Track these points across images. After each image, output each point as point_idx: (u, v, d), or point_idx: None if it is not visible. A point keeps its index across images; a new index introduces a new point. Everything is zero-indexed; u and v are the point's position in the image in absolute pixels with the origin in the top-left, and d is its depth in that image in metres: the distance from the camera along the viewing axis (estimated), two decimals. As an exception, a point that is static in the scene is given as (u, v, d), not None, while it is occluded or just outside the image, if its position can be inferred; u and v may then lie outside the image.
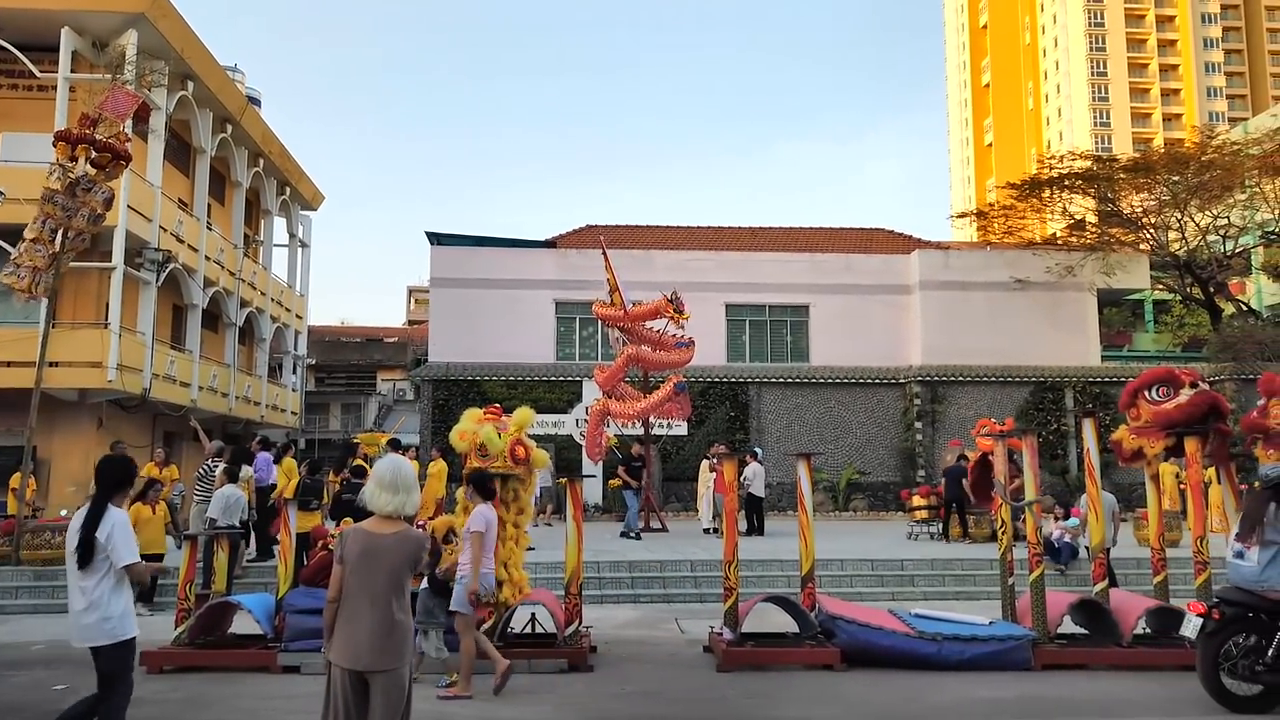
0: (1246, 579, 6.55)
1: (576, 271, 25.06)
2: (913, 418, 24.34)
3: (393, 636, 3.90)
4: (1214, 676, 6.49)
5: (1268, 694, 6.44)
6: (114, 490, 4.95)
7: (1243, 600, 6.54)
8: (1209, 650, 6.49)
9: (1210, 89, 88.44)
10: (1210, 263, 29.16)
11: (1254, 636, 6.45)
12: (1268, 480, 6.74)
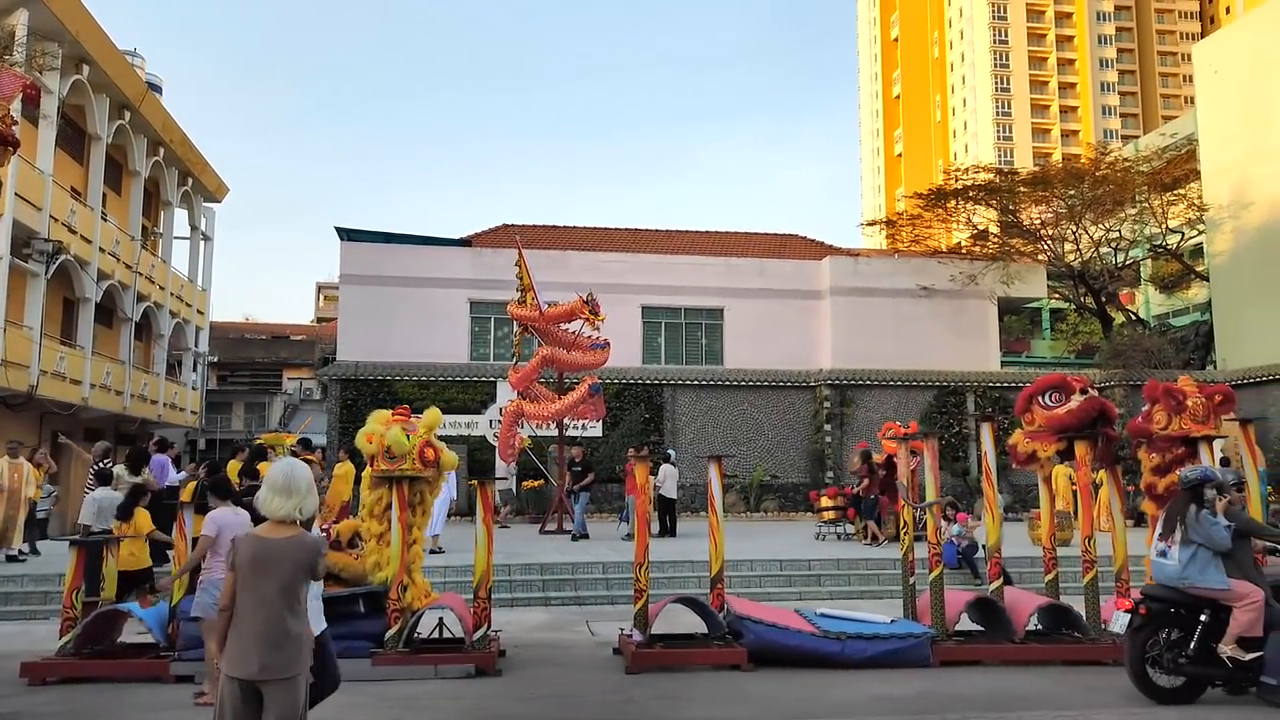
0: (1169, 576, 6.84)
1: (492, 271, 24.81)
2: (822, 420, 24.85)
3: (286, 645, 3.79)
4: (1141, 670, 6.78)
5: (1189, 685, 6.76)
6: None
7: (1166, 596, 6.84)
8: (1136, 645, 6.78)
9: (1105, 107, 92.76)
10: (1103, 274, 30.58)
11: (1177, 631, 6.77)
12: (1186, 482, 7.04)
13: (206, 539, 6.84)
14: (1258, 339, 25.26)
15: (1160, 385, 9.01)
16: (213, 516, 7.03)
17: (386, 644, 7.86)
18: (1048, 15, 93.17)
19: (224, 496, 7.14)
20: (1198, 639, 6.66)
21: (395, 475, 8.10)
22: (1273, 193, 25.01)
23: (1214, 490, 6.91)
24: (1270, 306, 24.90)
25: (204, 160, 32.43)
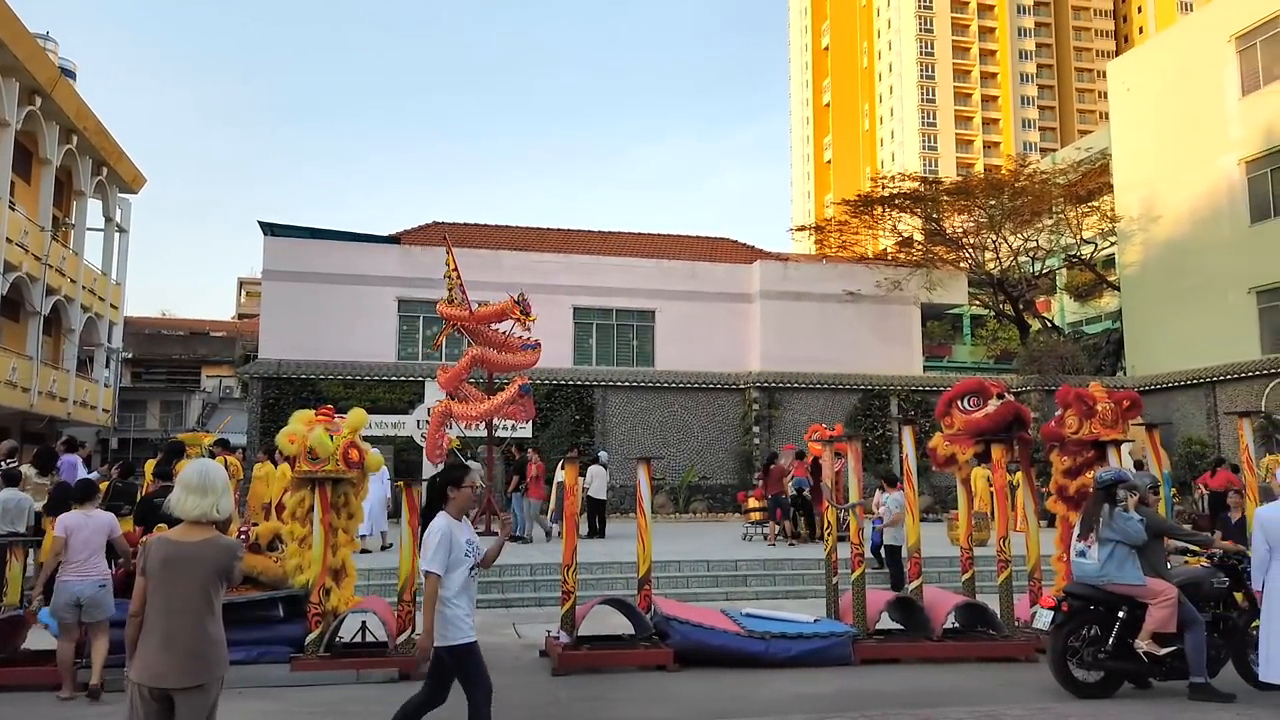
0: (1088, 575, 7.10)
1: (421, 269, 24.48)
2: (751, 422, 25.13)
3: (200, 652, 3.68)
4: (1063, 665, 7.02)
5: (1107, 679, 7.04)
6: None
7: (1086, 594, 7.10)
8: (1058, 641, 7.02)
9: (1025, 120, 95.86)
10: (1021, 282, 31.57)
11: (1096, 628, 7.04)
12: (1101, 483, 7.31)
13: (58, 541, 6.67)
14: (1164, 347, 26.39)
15: (1072, 391, 9.34)
16: (62, 519, 6.86)
17: (307, 648, 7.70)
18: (972, 29, 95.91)
19: (82, 500, 7.06)
20: (1115, 635, 6.94)
21: (318, 477, 7.95)
22: (1179, 207, 26.17)
23: (1126, 490, 7.21)
24: (1176, 316, 26.05)
25: (120, 150, 31.32)
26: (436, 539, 4.84)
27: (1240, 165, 24.43)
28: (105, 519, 7.23)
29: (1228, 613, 7.28)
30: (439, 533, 4.87)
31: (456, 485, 5.06)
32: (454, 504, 5.03)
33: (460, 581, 4.89)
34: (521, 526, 16.43)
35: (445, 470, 5.23)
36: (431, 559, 4.79)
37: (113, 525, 7.27)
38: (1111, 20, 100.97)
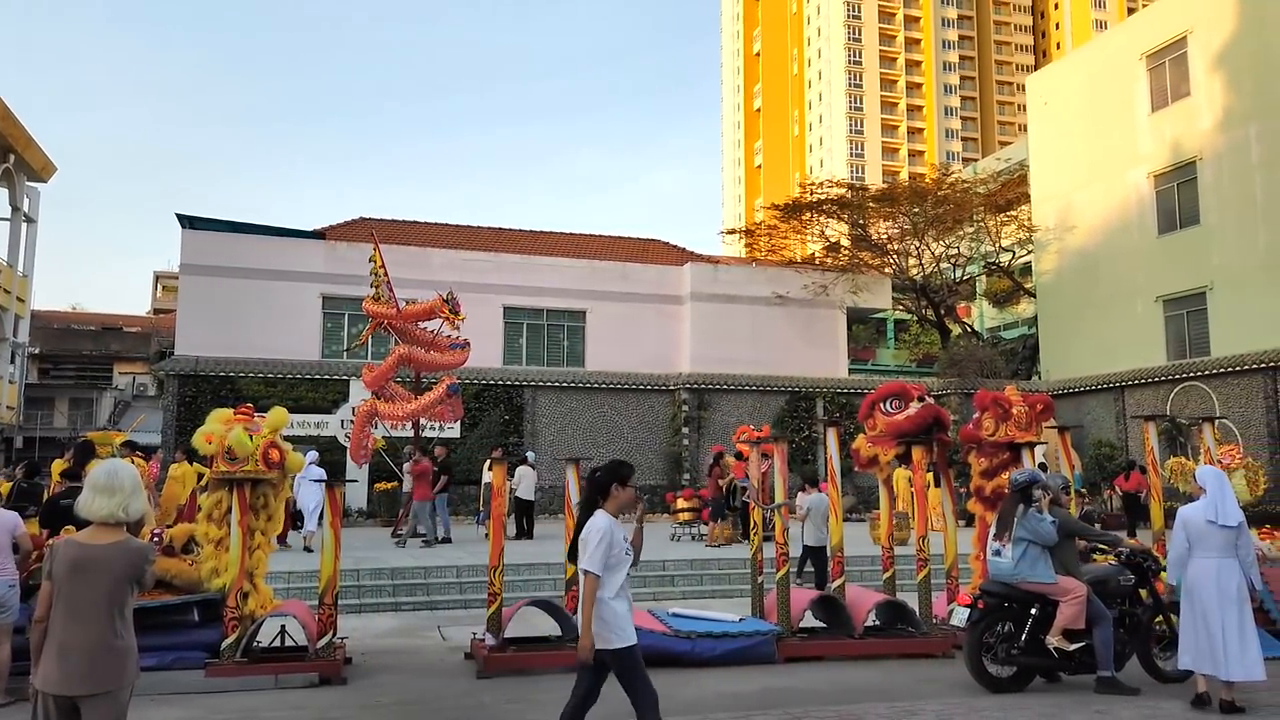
0: (1003, 574, 7.32)
1: (347, 265, 24.02)
2: (680, 423, 25.29)
3: (109, 658, 3.56)
4: (978, 661, 7.22)
5: (1020, 674, 7.27)
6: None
7: (1001, 592, 7.32)
8: (974, 637, 7.23)
9: (948, 130, 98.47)
10: (942, 288, 32.45)
11: (1010, 624, 7.26)
12: (1016, 484, 7.55)
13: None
14: (1077, 353, 27.40)
15: (989, 394, 9.63)
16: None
17: (222, 654, 7.49)
18: (898, 40, 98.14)
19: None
20: (1028, 631, 7.18)
21: (236, 477, 7.74)
22: (1092, 218, 27.20)
23: (1041, 490, 7.48)
24: (1088, 323, 27.06)
25: (28, 136, 30.00)
26: (598, 538, 4.70)
27: (1149, 179, 25.50)
28: (8, 517, 6.95)
29: (1133, 609, 7.60)
30: (600, 531, 4.72)
31: (622, 483, 4.93)
32: (614, 501, 4.89)
33: (620, 582, 4.77)
34: (445, 527, 16.23)
35: (613, 466, 5.03)
36: (591, 558, 4.66)
37: (16, 523, 6.98)
38: (1031, 35, 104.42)
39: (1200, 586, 6.65)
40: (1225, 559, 6.61)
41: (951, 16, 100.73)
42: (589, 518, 4.84)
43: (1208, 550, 6.67)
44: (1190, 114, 24.37)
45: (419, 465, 16.10)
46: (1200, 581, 6.66)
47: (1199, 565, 6.70)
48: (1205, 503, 6.80)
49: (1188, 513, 6.89)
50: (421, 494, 15.76)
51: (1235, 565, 6.61)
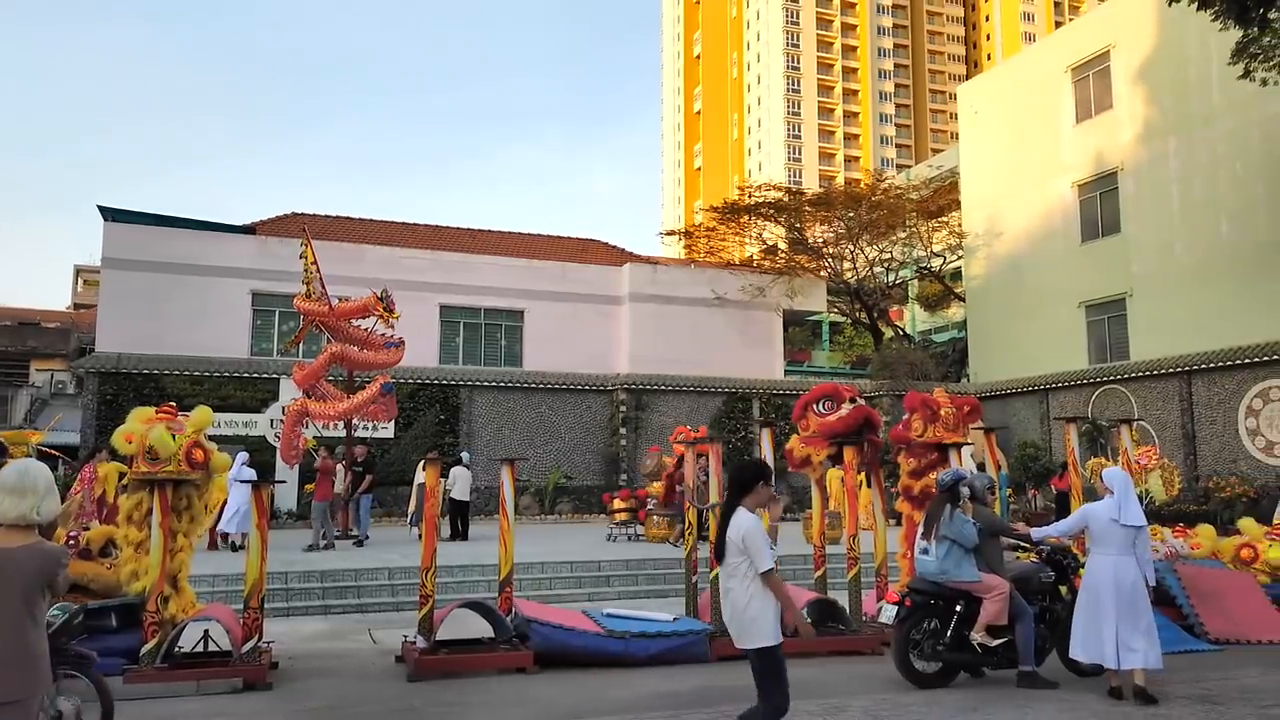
0: (929, 572, 7.49)
1: (278, 261, 23.49)
2: (618, 424, 25.29)
3: (20, 665, 3.42)
4: (905, 657, 7.37)
5: (945, 670, 7.43)
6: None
7: (927, 590, 7.48)
8: (901, 634, 7.38)
9: (883, 137, 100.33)
10: (876, 291, 33.04)
11: (936, 621, 7.42)
12: (943, 484, 7.74)
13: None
14: (1004, 356, 28.15)
15: (918, 396, 9.84)
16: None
17: (142, 659, 7.27)
18: (835, 47, 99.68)
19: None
20: (953, 628, 7.36)
21: (158, 478, 7.52)
22: (1020, 225, 27.97)
23: (967, 490, 7.68)
24: (1014, 327, 27.83)
25: (-61, 121, 28.69)
26: (760, 536, 4.82)
27: (1073, 188, 26.32)
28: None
29: (1054, 605, 7.84)
30: (758, 530, 4.85)
31: (767, 481, 5.07)
32: (754, 498, 5.00)
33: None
34: (364, 529, 15.89)
35: (756, 466, 5.17)
36: (766, 558, 4.79)
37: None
38: (963, 46, 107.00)
39: (1098, 581, 6.94)
40: (1123, 556, 6.91)
41: (887, 25, 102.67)
42: (732, 516, 4.94)
43: (1107, 547, 6.95)
44: (1112, 126, 25.22)
45: (323, 464, 15.79)
46: (1098, 576, 6.94)
47: (1098, 561, 6.98)
48: (1111, 502, 7.07)
49: (1093, 509, 7.17)
50: (322, 494, 15.34)
51: (1132, 563, 6.91)
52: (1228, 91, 21.43)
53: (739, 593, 4.85)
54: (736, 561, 4.87)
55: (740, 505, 4.96)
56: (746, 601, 4.81)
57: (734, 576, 4.89)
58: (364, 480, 16.30)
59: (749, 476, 5.07)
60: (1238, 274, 21.67)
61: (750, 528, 4.85)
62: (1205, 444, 21.82)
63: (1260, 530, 10.80)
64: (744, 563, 4.84)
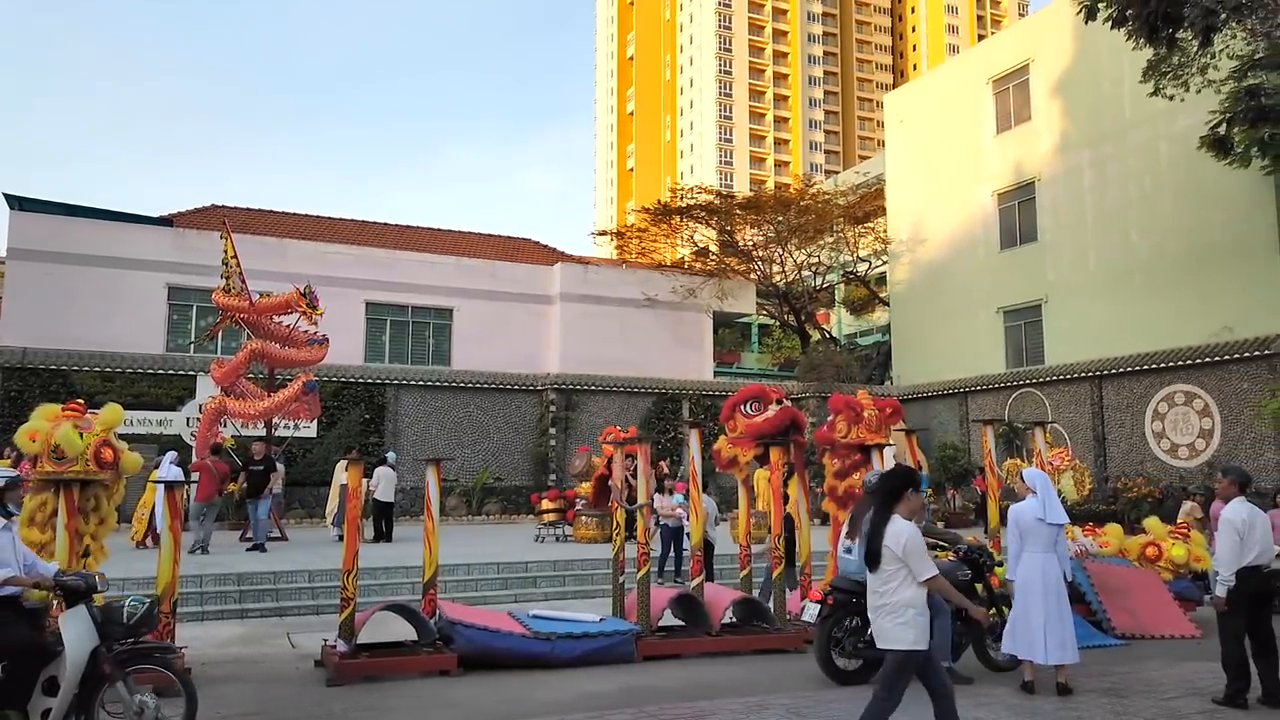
0: (851, 571, 7.60)
1: (196, 255, 22.79)
2: (548, 424, 25.17)
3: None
4: (827, 655, 7.48)
5: (865, 666, 7.55)
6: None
7: (849, 588, 7.58)
8: (823, 633, 7.50)
9: (812, 143, 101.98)
10: (803, 294, 33.55)
11: (857, 619, 7.53)
12: (869, 486, 7.86)
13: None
14: (925, 359, 28.85)
15: (843, 398, 10.02)
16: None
17: (44, 669, 6.94)
18: (767, 52, 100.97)
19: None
20: None
21: (64, 478, 7.21)
22: (942, 233, 28.71)
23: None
24: (936, 331, 28.55)
25: None
26: (920, 544, 4.98)
27: (993, 197, 27.11)
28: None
29: None
30: (918, 538, 5.00)
31: (917, 488, 5.22)
32: (906, 505, 5.14)
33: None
34: (261, 533, 15.08)
35: (906, 473, 5.34)
36: (929, 565, 4.99)
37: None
38: (891, 56, 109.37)
39: (1028, 579, 7.16)
40: (1049, 554, 7.17)
41: (817, 33, 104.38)
42: (885, 523, 5.07)
43: (1035, 546, 7.19)
44: (1031, 137, 26.06)
45: (197, 463, 15.16)
46: (1028, 574, 7.17)
47: (1027, 559, 7.21)
48: (1035, 502, 7.31)
49: (1018, 511, 7.38)
50: (201, 494, 14.52)
51: (1055, 560, 7.16)
52: (1139, 107, 22.33)
53: (893, 599, 5.00)
54: (893, 569, 5.02)
55: (895, 514, 5.09)
56: (901, 608, 4.96)
57: (890, 583, 5.03)
58: (267, 481, 15.49)
59: (899, 484, 5.22)
60: (1146, 283, 22.59)
61: (911, 536, 4.99)
62: (1114, 446, 22.70)
63: (1164, 529, 11.26)
64: (901, 570, 4.99)
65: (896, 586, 5.01)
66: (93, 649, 5.33)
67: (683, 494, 13.72)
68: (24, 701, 5.24)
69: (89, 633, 5.35)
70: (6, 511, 5.82)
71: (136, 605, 5.48)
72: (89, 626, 5.37)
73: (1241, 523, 6.76)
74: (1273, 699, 6.67)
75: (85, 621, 5.38)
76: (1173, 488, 20.40)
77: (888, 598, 5.03)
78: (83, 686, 5.29)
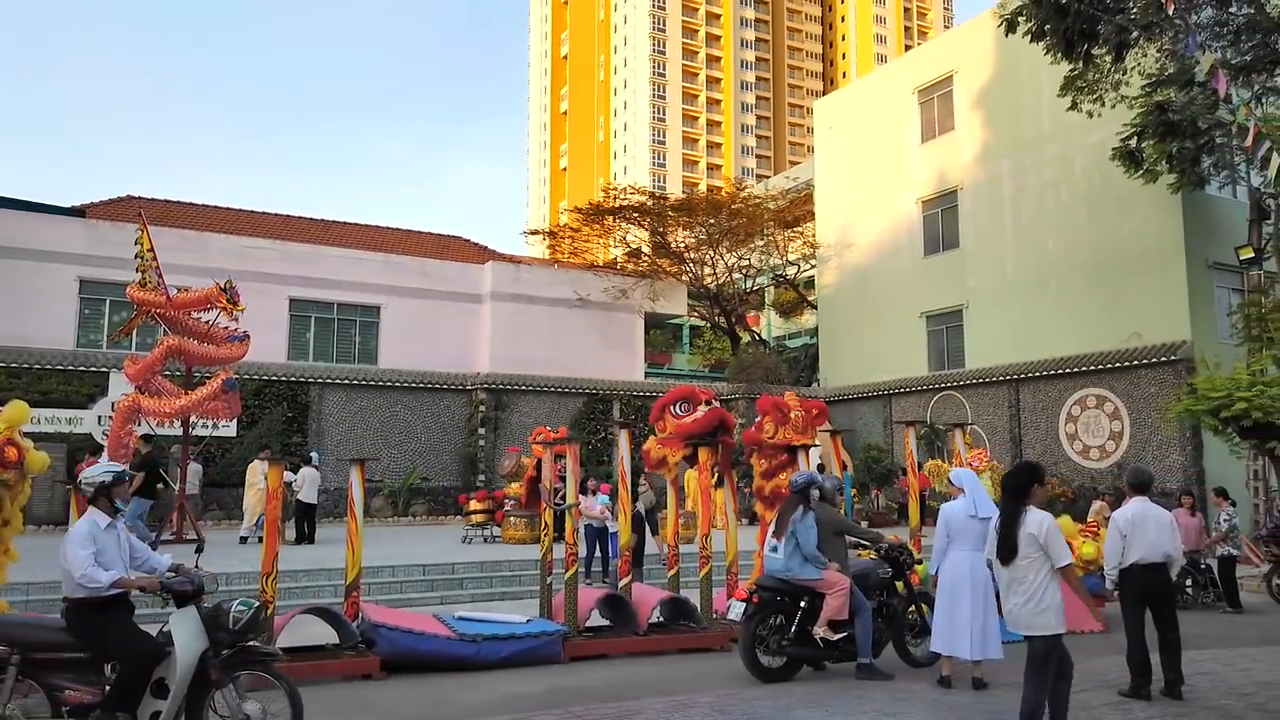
0: (776, 569, 7.71)
1: (110, 247, 21.98)
2: (477, 424, 24.93)
3: None
4: (751, 653, 7.54)
5: (789, 664, 7.67)
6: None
7: (774, 586, 7.70)
8: (748, 630, 7.56)
9: (744, 147, 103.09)
10: (734, 297, 33.89)
11: (781, 617, 7.64)
12: (796, 485, 7.98)
13: None
14: (851, 362, 29.40)
15: (770, 399, 10.15)
16: None
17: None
18: (700, 56, 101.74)
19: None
20: (797, 623, 7.61)
21: (-38, 478, 6.87)
22: (868, 238, 29.29)
23: (818, 491, 7.97)
24: (861, 334, 29.11)
25: None
26: (1059, 533, 5.46)
27: (918, 204, 27.76)
28: None
29: (890, 600, 8.23)
30: (1057, 527, 5.46)
31: (1042, 482, 5.70)
32: (1035, 498, 5.56)
33: None
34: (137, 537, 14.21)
35: (1033, 467, 5.81)
36: (1065, 551, 5.41)
37: None
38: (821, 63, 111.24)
39: (956, 576, 7.32)
40: (978, 552, 7.31)
41: (750, 38, 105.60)
42: (1019, 515, 5.51)
43: (964, 543, 7.36)
44: (954, 147, 26.76)
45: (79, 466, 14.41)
46: (956, 572, 7.33)
47: (955, 557, 7.37)
48: (965, 500, 7.48)
49: (948, 510, 7.55)
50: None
51: (984, 558, 7.33)
52: (1057, 120, 23.10)
53: (1032, 585, 5.41)
54: (1033, 557, 5.45)
55: (1028, 506, 5.54)
56: (1041, 593, 5.38)
57: (1030, 570, 5.44)
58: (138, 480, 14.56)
59: (1026, 480, 5.66)
60: (1061, 290, 23.39)
61: (1051, 524, 5.46)
62: (1030, 447, 23.45)
63: (1075, 528, 11.67)
64: (1039, 559, 5.42)
65: (1035, 575, 5.44)
66: (201, 652, 5.19)
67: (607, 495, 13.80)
68: (137, 704, 5.11)
69: (199, 635, 5.21)
70: (114, 508, 5.61)
71: (244, 609, 5.33)
72: (199, 629, 5.22)
73: (1125, 522, 7.04)
74: (1173, 690, 6.95)
75: (195, 624, 5.23)
76: (1084, 488, 21.16)
77: (1029, 587, 5.44)
78: (190, 690, 5.18)
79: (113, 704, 5.04)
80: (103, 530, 5.39)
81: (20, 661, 5.04)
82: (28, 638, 5.15)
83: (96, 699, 5.08)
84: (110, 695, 5.05)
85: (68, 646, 5.17)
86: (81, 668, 5.17)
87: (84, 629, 5.19)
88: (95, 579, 5.12)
